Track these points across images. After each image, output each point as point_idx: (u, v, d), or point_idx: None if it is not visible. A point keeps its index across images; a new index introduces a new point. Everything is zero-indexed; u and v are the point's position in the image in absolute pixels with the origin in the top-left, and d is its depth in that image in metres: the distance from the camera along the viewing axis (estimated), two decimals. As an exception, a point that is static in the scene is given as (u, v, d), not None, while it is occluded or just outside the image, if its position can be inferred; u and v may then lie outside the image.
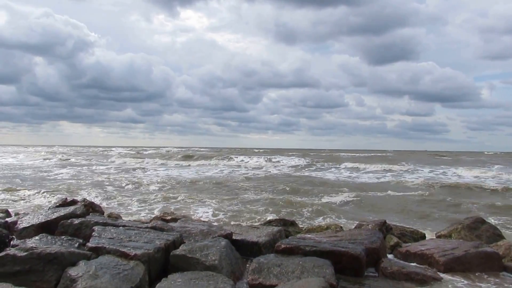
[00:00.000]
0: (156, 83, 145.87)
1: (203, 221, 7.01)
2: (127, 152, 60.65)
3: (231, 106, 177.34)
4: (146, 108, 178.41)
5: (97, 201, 10.70)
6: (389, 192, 14.88)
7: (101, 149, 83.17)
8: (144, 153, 56.21)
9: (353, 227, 7.21)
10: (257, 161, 36.98)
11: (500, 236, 6.62)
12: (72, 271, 3.94)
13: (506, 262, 5.62)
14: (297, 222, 7.48)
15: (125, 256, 4.34)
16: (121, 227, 5.33)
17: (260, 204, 11.37)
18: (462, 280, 4.92)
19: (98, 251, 4.48)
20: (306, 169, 28.79)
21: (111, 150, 68.68)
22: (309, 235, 5.76)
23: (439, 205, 12.05)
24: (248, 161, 37.18)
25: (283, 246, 4.94)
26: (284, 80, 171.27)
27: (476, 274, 5.14)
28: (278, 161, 36.64)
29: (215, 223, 7.45)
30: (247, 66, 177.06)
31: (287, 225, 6.78)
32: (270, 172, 25.44)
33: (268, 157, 41.84)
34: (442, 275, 5.04)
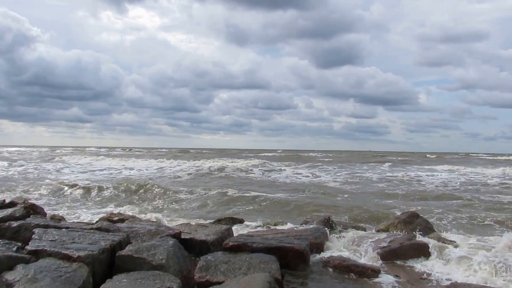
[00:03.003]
0: (104, 82, 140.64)
1: (152, 221, 6.94)
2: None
3: (183, 107, 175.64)
4: (94, 107, 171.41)
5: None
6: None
7: (23, 149, 78.61)
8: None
9: (300, 224, 7.49)
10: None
11: (431, 230, 7.18)
12: (9, 276, 3.77)
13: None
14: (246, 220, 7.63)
15: (67, 258, 4.21)
16: (64, 229, 5.16)
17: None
18: (396, 268, 5.32)
19: (38, 254, 4.30)
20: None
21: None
22: (257, 233, 5.91)
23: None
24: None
25: (230, 243, 5.03)
26: (236, 81, 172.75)
27: (409, 261, 5.58)
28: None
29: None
30: (199, 66, 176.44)
31: (236, 223, 6.89)
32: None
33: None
34: (379, 265, 5.40)
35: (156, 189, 14.65)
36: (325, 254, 5.56)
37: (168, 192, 14.12)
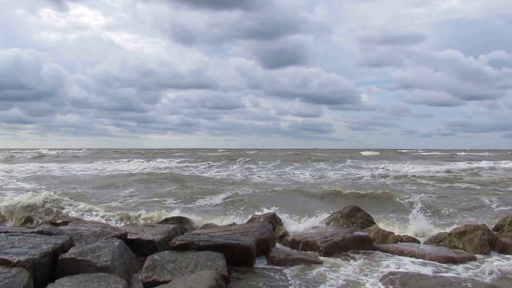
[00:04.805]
0: (46, 81, 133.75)
1: (97, 223, 6.82)
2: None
3: (129, 107, 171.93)
4: (36, 108, 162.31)
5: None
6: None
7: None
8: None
9: (247, 220, 7.67)
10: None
11: (371, 222, 7.64)
12: None
13: (376, 244, 6.55)
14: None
15: (6, 263, 4.07)
16: (2, 234, 4.97)
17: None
18: (339, 260, 5.64)
19: (-26, 261, 4.13)
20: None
21: None
22: (204, 231, 6.00)
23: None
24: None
25: (177, 242, 5.08)
26: (183, 81, 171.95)
27: (351, 253, 5.94)
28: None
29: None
30: (145, 66, 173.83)
31: (183, 223, 6.94)
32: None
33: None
34: (323, 258, 5.69)
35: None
36: (271, 249, 5.76)
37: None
